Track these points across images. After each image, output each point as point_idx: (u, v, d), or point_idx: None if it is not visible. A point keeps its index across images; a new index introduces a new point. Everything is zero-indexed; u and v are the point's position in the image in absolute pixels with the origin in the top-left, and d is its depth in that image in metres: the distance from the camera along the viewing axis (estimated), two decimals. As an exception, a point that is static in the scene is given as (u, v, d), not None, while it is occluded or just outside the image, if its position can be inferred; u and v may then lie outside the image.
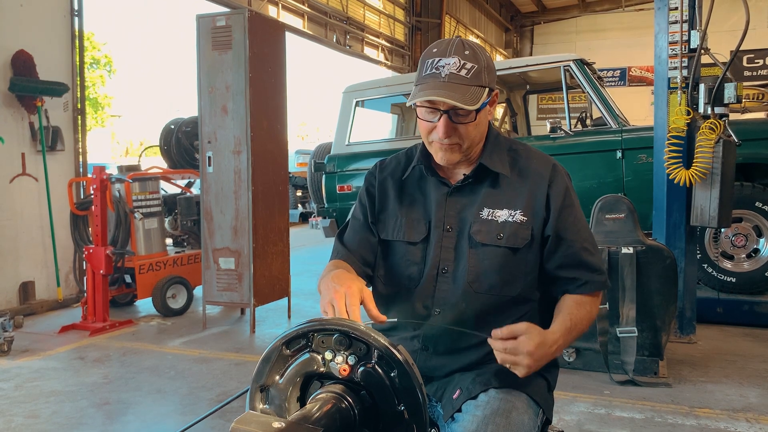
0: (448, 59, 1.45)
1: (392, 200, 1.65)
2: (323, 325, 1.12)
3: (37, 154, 5.83)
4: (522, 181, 1.56)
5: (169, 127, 6.83)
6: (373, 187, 1.69)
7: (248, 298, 4.93)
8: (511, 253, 1.51)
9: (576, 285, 1.54)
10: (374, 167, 1.73)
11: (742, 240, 4.97)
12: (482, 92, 1.46)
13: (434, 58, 1.47)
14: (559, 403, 3.36)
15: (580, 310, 1.49)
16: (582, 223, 1.57)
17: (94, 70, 25.71)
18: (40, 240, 5.90)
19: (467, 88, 1.44)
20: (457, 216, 1.57)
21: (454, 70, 1.44)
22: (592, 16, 21.54)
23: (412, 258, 1.59)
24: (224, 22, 4.85)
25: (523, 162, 1.59)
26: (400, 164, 1.69)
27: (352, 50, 14.28)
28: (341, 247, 1.66)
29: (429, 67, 1.47)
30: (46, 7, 5.96)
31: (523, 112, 7.25)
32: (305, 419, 1.01)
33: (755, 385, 3.63)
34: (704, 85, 4.10)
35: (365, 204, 1.69)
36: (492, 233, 1.52)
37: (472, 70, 1.45)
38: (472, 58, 1.46)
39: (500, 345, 1.35)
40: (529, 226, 1.52)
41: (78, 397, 3.66)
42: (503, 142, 1.63)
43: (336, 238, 1.71)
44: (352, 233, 1.68)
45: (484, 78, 1.46)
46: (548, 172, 1.56)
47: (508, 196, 1.55)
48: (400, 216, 1.62)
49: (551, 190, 1.54)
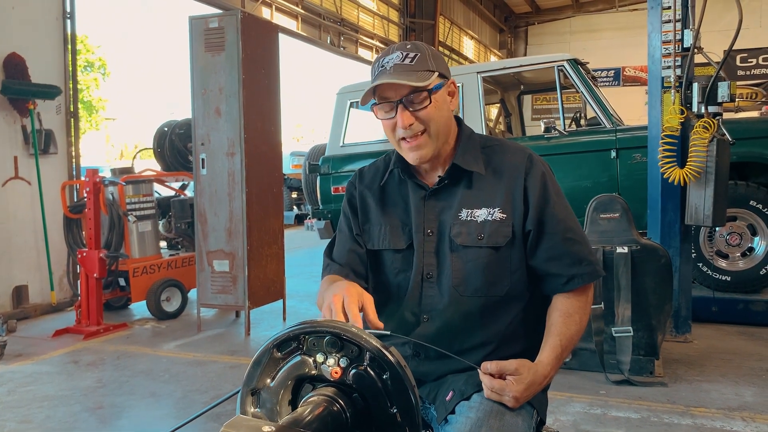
0: (391, 55, 1.48)
1: (374, 209, 1.63)
2: (314, 328, 1.11)
3: (29, 158, 5.80)
4: (498, 178, 1.53)
5: (162, 130, 6.81)
6: (354, 198, 1.67)
7: (243, 301, 4.92)
8: (493, 252, 1.49)
9: (563, 282, 1.50)
10: (354, 177, 1.71)
11: (737, 239, 4.98)
12: (431, 75, 1.46)
13: (379, 60, 1.50)
14: (555, 403, 3.35)
15: (569, 326, 1.47)
16: (564, 213, 1.52)
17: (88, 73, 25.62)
18: (33, 243, 5.87)
19: (413, 72, 1.45)
20: (436, 219, 1.55)
21: (398, 62, 1.46)
22: (586, 17, 21.60)
23: (399, 266, 1.58)
24: (217, 24, 4.84)
25: (497, 158, 1.56)
26: (379, 170, 1.67)
27: (346, 51, 14.28)
28: (332, 263, 1.64)
29: (376, 69, 1.50)
30: (38, 10, 5.94)
31: (518, 112, 7.25)
32: (296, 423, 1.00)
33: (751, 384, 3.63)
34: (698, 84, 4.11)
35: (348, 216, 1.67)
36: (472, 234, 1.50)
37: (416, 58, 1.47)
38: (414, 49, 1.49)
39: (488, 382, 1.35)
40: (509, 223, 1.49)
41: (71, 401, 3.64)
42: (477, 140, 1.60)
43: (324, 255, 1.69)
44: (340, 247, 1.66)
45: (430, 63, 1.48)
46: (523, 164, 1.52)
47: (486, 194, 1.52)
48: (384, 224, 1.60)
49: (528, 182, 1.50)
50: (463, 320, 1.51)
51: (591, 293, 1.56)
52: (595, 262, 1.53)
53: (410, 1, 16.88)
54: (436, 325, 1.52)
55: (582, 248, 1.52)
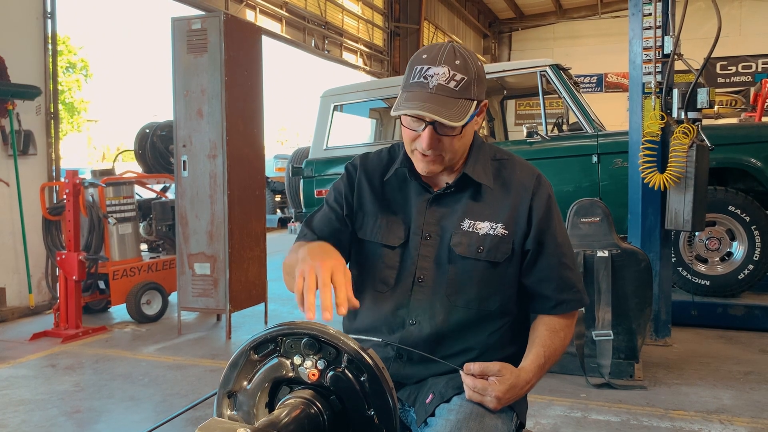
0: (438, 68, 1.38)
1: (371, 199, 1.60)
2: (292, 329, 1.10)
3: (8, 159, 5.72)
4: (505, 193, 1.52)
5: (144, 132, 6.74)
6: (353, 180, 1.62)
7: (224, 304, 4.88)
8: (491, 267, 1.49)
9: (551, 305, 1.51)
10: (356, 159, 1.66)
11: (716, 243, 5.03)
12: (470, 105, 1.40)
13: (423, 66, 1.40)
14: (536, 406, 3.36)
15: (554, 340, 1.48)
16: (562, 238, 1.53)
17: (70, 75, 25.39)
18: (11, 245, 5.78)
19: (455, 101, 1.38)
20: (437, 224, 1.53)
21: (442, 81, 1.37)
22: (569, 23, 21.76)
23: (387, 262, 1.55)
24: (200, 26, 4.81)
25: (507, 173, 1.55)
26: (382, 162, 1.63)
27: (330, 55, 14.27)
28: (311, 234, 1.58)
29: (417, 75, 1.41)
30: (17, 9, 5.87)
31: (501, 117, 7.29)
32: (273, 425, 0.99)
33: (729, 387, 3.67)
34: (678, 90, 4.15)
35: (343, 193, 1.61)
36: (472, 246, 1.49)
37: (462, 82, 1.38)
38: (463, 68, 1.39)
39: (470, 382, 1.36)
40: (510, 240, 1.49)
41: (48, 405, 3.58)
42: (488, 151, 1.58)
43: (304, 224, 1.63)
44: (323, 219, 1.61)
45: (473, 91, 1.40)
46: (532, 184, 1.52)
47: (491, 208, 1.51)
48: (380, 217, 1.58)
49: (534, 203, 1.50)
50: (450, 328, 1.50)
51: (576, 317, 1.58)
52: (582, 291, 1.55)
53: (395, 5, 16.91)
54: (423, 329, 1.50)
55: (573, 275, 1.54)
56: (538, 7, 21.92)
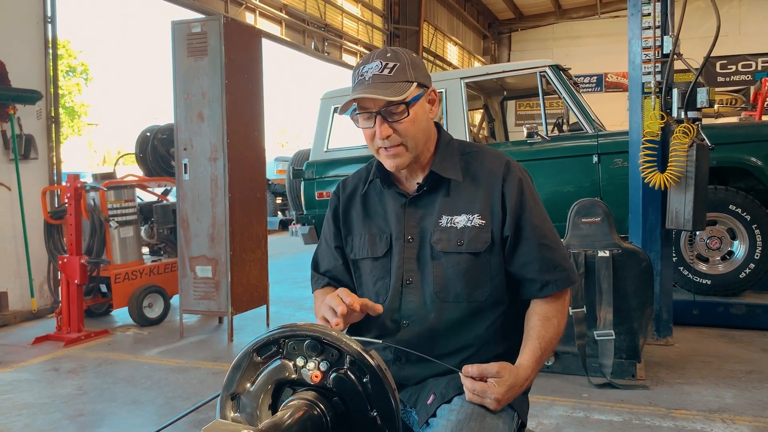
0: (370, 64, 1.49)
1: (357, 219, 1.66)
2: (294, 331, 1.11)
3: (9, 163, 5.73)
4: (476, 184, 1.55)
5: (144, 135, 6.75)
6: (338, 209, 1.70)
7: (226, 307, 4.89)
8: (473, 258, 1.51)
9: (538, 287, 1.52)
10: (337, 188, 1.74)
11: (717, 242, 5.03)
12: (408, 86, 1.47)
13: (359, 68, 1.51)
14: (538, 407, 3.37)
15: (548, 329, 1.49)
16: (540, 220, 1.54)
17: (71, 78, 25.42)
18: (13, 250, 5.79)
19: (391, 84, 1.46)
20: (417, 226, 1.57)
21: (376, 72, 1.47)
22: (568, 23, 21.78)
23: (377, 273, 1.60)
24: (200, 29, 4.82)
25: (476, 164, 1.58)
26: (361, 180, 1.69)
27: (330, 57, 14.28)
28: (321, 277, 1.73)
29: (356, 77, 1.51)
30: (18, 14, 5.88)
31: (501, 118, 7.29)
32: (276, 427, 1.00)
33: (730, 386, 3.67)
34: (677, 89, 4.15)
35: (331, 225, 1.72)
36: (452, 241, 1.51)
37: (395, 68, 1.47)
38: (394, 58, 1.49)
39: (469, 384, 1.37)
40: (489, 229, 1.51)
41: (51, 409, 3.59)
42: (456, 146, 1.62)
43: (312, 269, 1.76)
44: (326, 259, 1.73)
45: (409, 74, 1.48)
46: (501, 171, 1.54)
47: (465, 200, 1.54)
48: (364, 233, 1.63)
49: (505, 189, 1.52)
50: (443, 325, 1.52)
51: (568, 298, 1.58)
52: (569, 269, 1.55)
53: (394, 7, 16.93)
54: (417, 329, 1.53)
55: (555, 254, 1.54)
56: (538, 8, 21.95)
